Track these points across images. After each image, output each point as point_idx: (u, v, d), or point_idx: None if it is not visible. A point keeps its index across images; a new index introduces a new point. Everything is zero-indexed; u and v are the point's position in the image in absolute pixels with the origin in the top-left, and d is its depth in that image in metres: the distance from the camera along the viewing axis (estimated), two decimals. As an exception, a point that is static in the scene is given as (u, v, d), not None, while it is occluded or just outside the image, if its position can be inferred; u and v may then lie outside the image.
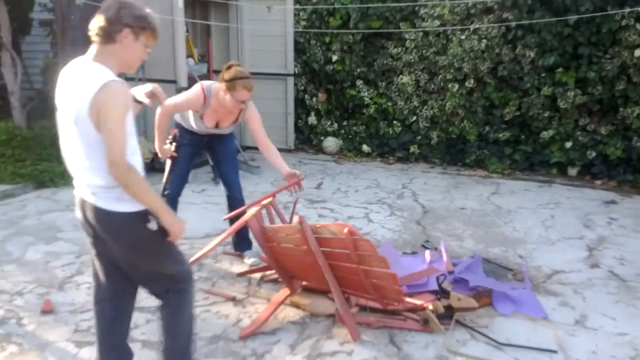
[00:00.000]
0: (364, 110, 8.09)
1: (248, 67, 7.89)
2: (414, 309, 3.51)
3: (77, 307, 3.58)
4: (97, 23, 2.26)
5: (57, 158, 6.53)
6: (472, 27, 7.10)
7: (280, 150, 8.11)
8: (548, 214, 5.72)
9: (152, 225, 2.34)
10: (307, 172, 7.28)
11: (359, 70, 7.99)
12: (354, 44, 7.87)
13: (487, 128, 7.50)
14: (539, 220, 5.50)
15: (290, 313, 3.57)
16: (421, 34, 7.47)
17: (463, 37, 7.17)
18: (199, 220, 5.18)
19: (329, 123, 8.30)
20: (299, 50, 8.15)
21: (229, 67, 3.89)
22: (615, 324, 3.53)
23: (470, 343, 3.27)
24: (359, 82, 8.02)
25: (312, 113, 8.38)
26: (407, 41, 7.58)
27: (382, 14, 7.64)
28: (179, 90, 6.32)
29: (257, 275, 4.09)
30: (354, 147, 8.20)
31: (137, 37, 2.29)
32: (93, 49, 2.29)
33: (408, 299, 3.53)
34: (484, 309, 3.65)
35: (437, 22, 7.28)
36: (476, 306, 3.59)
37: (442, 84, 7.55)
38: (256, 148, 8.07)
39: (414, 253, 4.55)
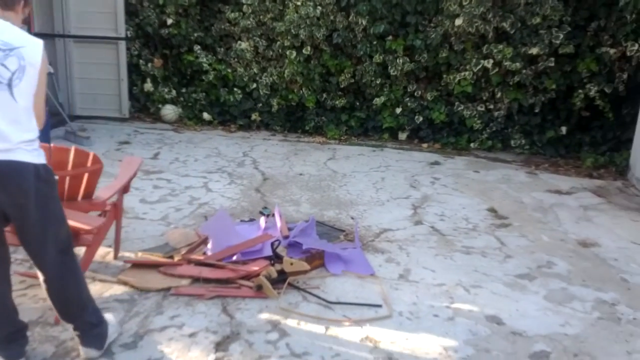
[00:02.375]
0: (203, 77, 7.87)
1: (74, 29, 7.32)
2: (248, 276, 3.51)
3: None
4: None
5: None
6: (307, -7, 7.16)
7: (114, 119, 7.74)
8: (379, 176, 6.03)
9: None
10: (143, 141, 6.95)
11: (195, 34, 7.72)
12: (190, 7, 7.57)
13: (325, 95, 7.67)
14: (370, 183, 5.78)
15: (117, 291, 3.40)
16: (258, -2, 7.39)
17: (299, 2, 7.21)
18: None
19: (166, 90, 7.96)
20: (131, 12, 7.66)
21: None
22: (435, 275, 3.82)
23: (302, 304, 3.35)
24: (197, 48, 7.75)
25: (148, 79, 7.97)
26: (245, 6, 7.45)
27: (216, -24, 7.42)
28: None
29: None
30: (194, 115, 7.97)
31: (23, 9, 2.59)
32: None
33: (238, 267, 3.53)
34: (316, 271, 3.76)
35: (272, -13, 7.24)
36: (308, 269, 3.67)
37: (280, 50, 7.56)
38: (86, 117, 7.62)
39: (251, 220, 4.55)
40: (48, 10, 7.39)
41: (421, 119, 7.47)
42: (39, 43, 2.48)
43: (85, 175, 3.39)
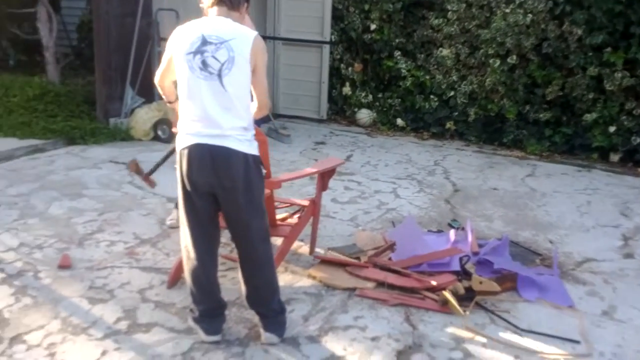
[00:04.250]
0: (400, 83, 7.87)
1: (284, 32, 7.80)
2: (433, 288, 3.40)
3: (94, 264, 3.58)
4: None
5: (89, 115, 6.63)
6: (517, 0, 6.77)
7: (312, 120, 8.11)
8: (584, 199, 5.48)
9: None
10: (337, 143, 7.17)
11: (397, 40, 7.75)
12: (394, 13, 7.62)
13: (528, 107, 7.20)
14: (573, 206, 5.27)
15: (306, 283, 3.50)
16: (464, 5, 7.17)
17: (508, 10, 6.85)
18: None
19: (363, 94, 8.11)
20: (337, 17, 7.93)
21: None
22: (646, 317, 3.35)
23: (490, 327, 3.14)
24: (397, 53, 7.78)
25: (347, 83, 8.20)
26: (449, 12, 7.29)
27: (426, -19, 7.37)
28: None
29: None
30: (387, 120, 8.01)
31: (247, 10, 2.83)
32: (219, 11, 2.66)
33: (427, 278, 3.43)
34: (506, 294, 3.51)
35: (481, -7, 6.98)
36: (498, 290, 3.45)
37: (483, 58, 7.26)
38: (287, 116, 8.08)
39: (439, 232, 4.42)
40: (262, 14, 7.97)
41: (639, 140, 6.65)
42: (250, 35, 2.62)
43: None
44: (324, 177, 3.79)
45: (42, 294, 3.19)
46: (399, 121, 7.92)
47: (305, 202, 3.89)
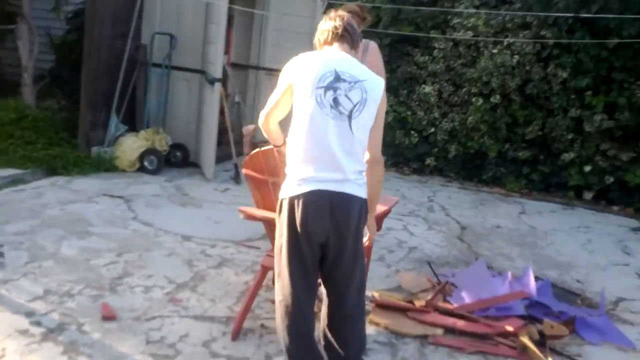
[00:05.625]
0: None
1: (268, 62, 7.62)
2: (505, 334, 3.31)
3: (139, 314, 3.20)
4: (346, 27, 2.55)
5: (69, 143, 6.09)
6: (506, 41, 7.01)
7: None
8: (584, 237, 5.65)
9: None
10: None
11: (380, 76, 7.77)
12: (380, 47, 7.63)
13: (507, 145, 7.41)
14: (578, 244, 5.41)
15: (371, 330, 3.29)
16: (451, 43, 7.34)
17: (495, 50, 7.08)
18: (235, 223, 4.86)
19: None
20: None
21: None
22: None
23: (570, 374, 3.09)
24: (379, 89, 7.80)
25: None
26: (436, 50, 7.44)
27: (414, 19, 7.48)
28: (210, 81, 5.98)
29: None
30: (367, 154, 7.96)
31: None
32: (341, 48, 2.53)
33: (496, 323, 3.34)
34: (568, 337, 3.48)
35: (470, 34, 7.16)
36: (567, 334, 3.42)
37: (466, 97, 7.44)
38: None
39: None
40: (246, 42, 7.78)
41: (612, 179, 6.99)
42: (381, 80, 2.49)
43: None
44: (379, 219, 3.63)
45: (97, 352, 2.80)
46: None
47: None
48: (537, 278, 4.14)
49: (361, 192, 2.42)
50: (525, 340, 3.19)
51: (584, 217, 6.40)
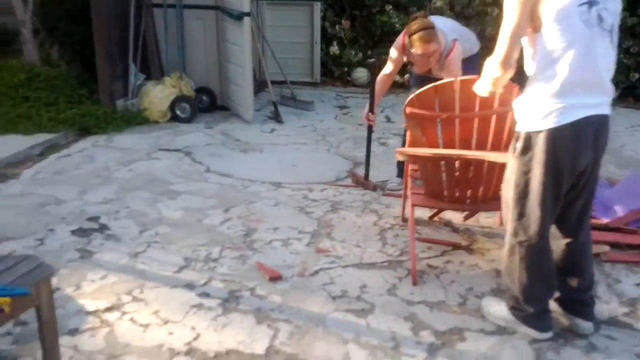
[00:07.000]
0: (393, 38, 7.53)
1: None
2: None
3: (299, 270, 2.94)
4: None
5: (90, 99, 5.47)
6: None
7: (306, 84, 7.52)
8: None
9: None
10: (358, 105, 6.71)
11: (389, -6, 7.39)
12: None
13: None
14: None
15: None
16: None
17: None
18: (312, 163, 4.60)
19: (353, 53, 7.67)
20: (322, -28, 7.34)
21: (411, 21, 3.52)
22: None
23: None
24: (388, 7, 7.43)
25: (335, 42, 7.69)
26: (447, -38, 7.08)
27: None
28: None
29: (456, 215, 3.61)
30: (382, 78, 7.66)
31: None
32: None
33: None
34: None
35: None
36: None
37: (480, 8, 7.18)
38: (277, 82, 7.36)
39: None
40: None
41: (637, 75, 7.02)
42: None
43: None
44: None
45: (293, 316, 2.53)
46: (396, 77, 7.61)
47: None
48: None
49: (610, 109, 2.24)
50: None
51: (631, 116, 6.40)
